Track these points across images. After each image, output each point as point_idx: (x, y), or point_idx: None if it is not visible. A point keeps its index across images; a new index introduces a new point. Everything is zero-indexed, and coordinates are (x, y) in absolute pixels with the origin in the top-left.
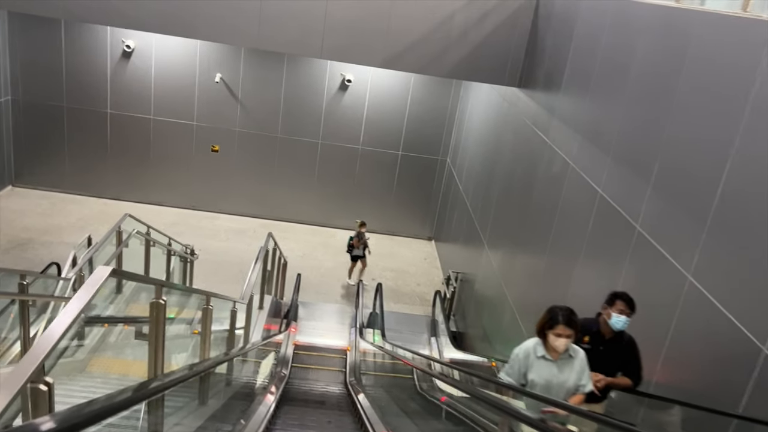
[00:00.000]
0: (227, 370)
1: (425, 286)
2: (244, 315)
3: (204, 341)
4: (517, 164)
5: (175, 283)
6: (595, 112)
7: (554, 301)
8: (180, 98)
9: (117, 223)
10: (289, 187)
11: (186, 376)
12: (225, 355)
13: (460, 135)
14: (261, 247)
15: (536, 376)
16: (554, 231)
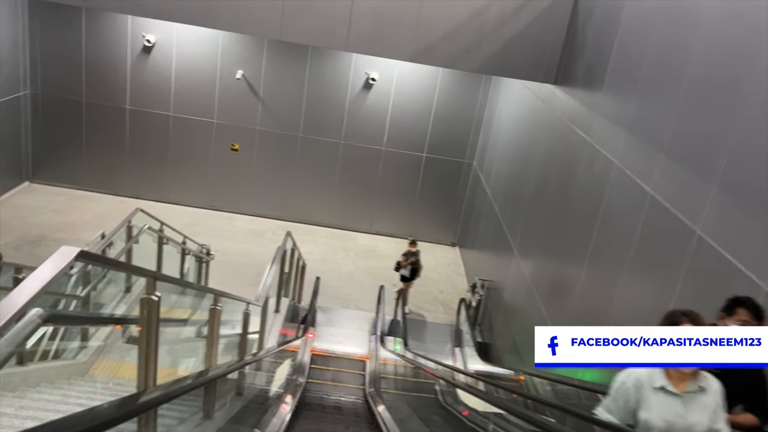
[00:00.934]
0: (238, 378)
1: (448, 293)
2: (259, 318)
3: (211, 346)
4: (552, 165)
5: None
6: (644, 107)
7: (595, 314)
8: (200, 95)
9: (127, 217)
10: (310, 189)
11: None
12: (236, 362)
13: (488, 137)
14: (278, 247)
15: (652, 415)
16: (595, 237)
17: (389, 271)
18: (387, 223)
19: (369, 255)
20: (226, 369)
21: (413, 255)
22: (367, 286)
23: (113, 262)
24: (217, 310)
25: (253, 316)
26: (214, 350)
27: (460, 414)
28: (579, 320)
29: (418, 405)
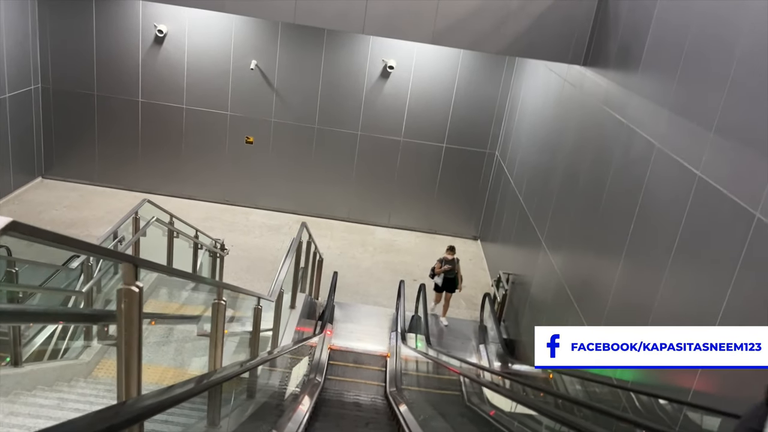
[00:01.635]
0: (250, 379)
1: (471, 288)
2: (272, 315)
3: (215, 346)
4: (583, 152)
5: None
6: (689, 83)
7: (634, 309)
8: (214, 87)
9: (133, 208)
10: (326, 182)
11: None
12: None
13: (512, 125)
14: (293, 239)
15: None
16: (634, 227)
17: (409, 266)
18: (406, 217)
19: (388, 249)
20: (233, 371)
21: (449, 263)
22: (386, 281)
23: (53, 236)
24: (221, 304)
25: (266, 313)
26: (218, 350)
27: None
28: (617, 315)
29: (441, 405)
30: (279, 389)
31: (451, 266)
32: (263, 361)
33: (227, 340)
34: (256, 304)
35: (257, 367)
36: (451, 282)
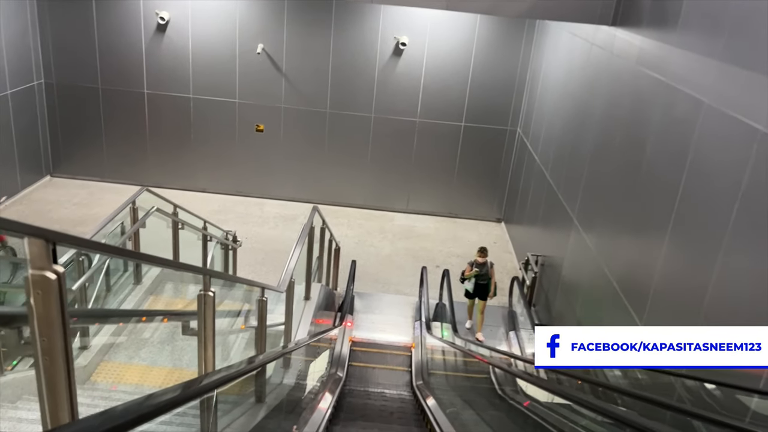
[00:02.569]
0: (257, 381)
1: (497, 272)
2: (284, 308)
3: (206, 346)
4: (617, 118)
5: (79, 238)
6: (744, 25)
7: (685, 287)
8: (220, 74)
9: (130, 197)
10: (341, 168)
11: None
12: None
13: (534, 99)
14: (304, 225)
15: None
16: (681, 198)
17: (430, 252)
18: (425, 201)
19: (407, 235)
20: (228, 374)
21: (480, 266)
22: (408, 268)
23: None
24: (208, 296)
25: (277, 306)
26: (208, 351)
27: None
28: (663, 295)
29: (472, 397)
30: (296, 387)
31: (484, 270)
32: (268, 360)
33: (239, 336)
34: (259, 296)
35: (264, 365)
36: (483, 288)
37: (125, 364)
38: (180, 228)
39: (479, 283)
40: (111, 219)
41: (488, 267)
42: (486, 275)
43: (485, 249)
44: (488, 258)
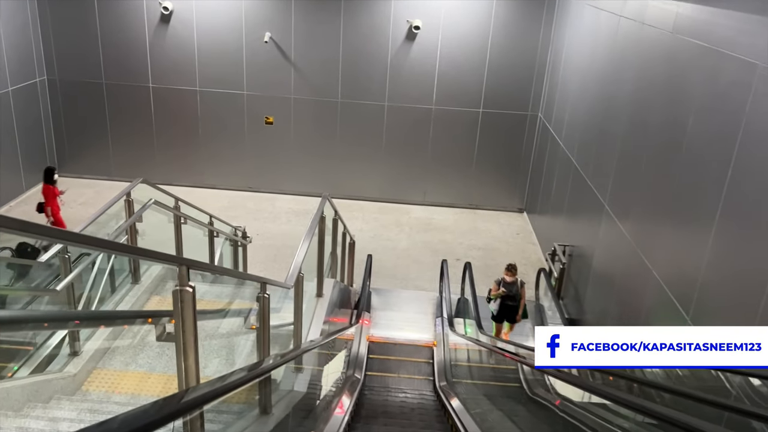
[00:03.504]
0: (261, 390)
1: (521, 265)
2: (292, 306)
3: (184, 352)
4: (652, 93)
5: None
6: None
7: (739, 278)
8: (227, 65)
9: (124, 189)
10: (354, 160)
11: None
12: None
13: (556, 81)
14: (314, 214)
15: None
16: (730, 180)
17: (450, 245)
18: (443, 192)
19: (426, 228)
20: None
21: (508, 286)
22: (426, 263)
23: None
24: (186, 292)
25: (285, 303)
26: (190, 359)
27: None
28: (713, 286)
29: (499, 397)
30: (309, 393)
31: (512, 291)
32: (271, 366)
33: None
34: (260, 292)
35: (267, 372)
36: (511, 310)
37: (121, 372)
38: (183, 223)
39: (507, 305)
40: (102, 212)
41: (518, 287)
42: (515, 296)
43: (514, 266)
44: (518, 276)
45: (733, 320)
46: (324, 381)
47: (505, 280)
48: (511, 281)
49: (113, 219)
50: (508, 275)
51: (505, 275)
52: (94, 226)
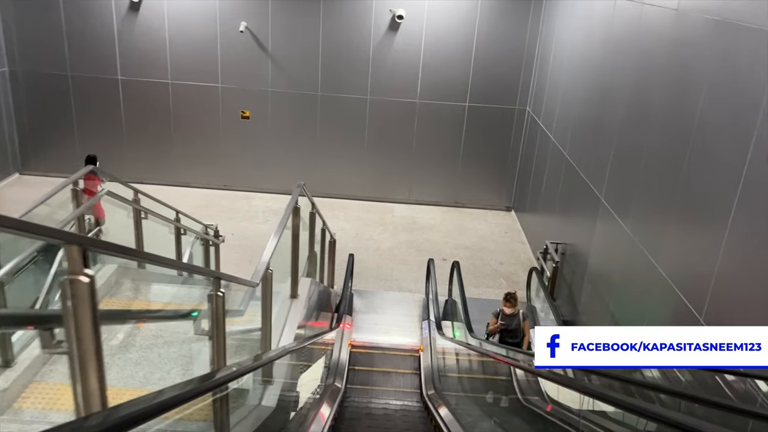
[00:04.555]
0: (216, 408)
1: (510, 264)
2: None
3: (82, 365)
4: (654, 81)
5: None
6: None
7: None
8: (200, 56)
9: (72, 177)
10: (335, 156)
11: None
12: (192, 385)
13: (545, 73)
14: (287, 205)
15: None
16: (748, 169)
17: (436, 244)
18: (428, 190)
19: (410, 228)
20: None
21: (508, 319)
22: (411, 263)
23: None
24: (79, 283)
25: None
26: (90, 374)
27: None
28: (730, 279)
29: (491, 405)
30: (280, 407)
31: (511, 325)
32: (225, 379)
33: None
34: (212, 289)
35: (220, 386)
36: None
37: (63, 385)
38: (143, 218)
39: (507, 342)
40: (42, 202)
41: (519, 320)
42: (515, 331)
43: (514, 296)
44: (518, 307)
45: (753, 320)
46: (299, 392)
47: (504, 312)
48: (511, 314)
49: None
50: (507, 306)
51: (504, 306)
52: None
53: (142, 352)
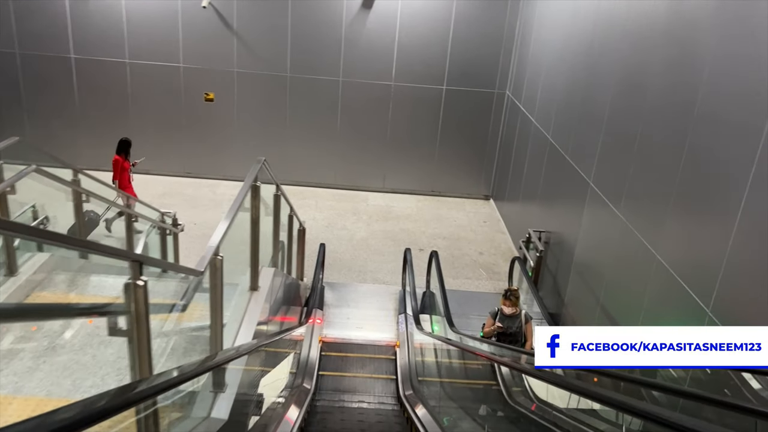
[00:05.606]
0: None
1: (489, 255)
2: (211, 300)
3: None
4: (651, 49)
5: None
6: None
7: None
8: (160, 34)
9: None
10: (306, 141)
11: None
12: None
13: (526, 54)
14: (245, 182)
15: None
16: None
17: (412, 234)
18: (404, 178)
19: (385, 217)
20: None
21: (508, 320)
22: (387, 253)
23: None
24: None
25: (198, 298)
26: None
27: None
28: (742, 266)
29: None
30: (234, 419)
31: (509, 326)
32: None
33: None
34: (130, 277)
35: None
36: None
37: (9, 397)
38: (84, 201)
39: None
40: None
41: (521, 322)
42: (516, 335)
43: (515, 293)
44: (520, 307)
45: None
46: (261, 397)
47: (503, 311)
48: (511, 314)
49: None
50: (506, 305)
51: (503, 305)
52: None
53: (73, 354)
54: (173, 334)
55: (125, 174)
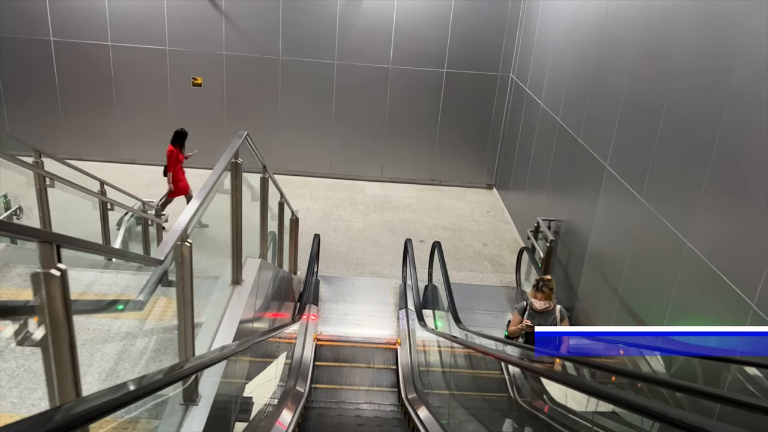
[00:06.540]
0: None
1: (494, 246)
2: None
3: None
4: (676, 21)
5: None
6: None
7: None
8: (145, 15)
9: None
10: (299, 128)
11: None
12: None
13: (532, 36)
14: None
15: None
16: None
17: (412, 225)
18: (402, 166)
19: (383, 207)
20: None
21: (540, 317)
22: (386, 245)
23: None
24: None
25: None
26: None
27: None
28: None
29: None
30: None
31: (541, 323)
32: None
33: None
34: (42, 265)
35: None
36: None
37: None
38: (48, 186)
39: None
40: None
41: (555, 319)
42: None
43: (548, 283)
44: (555, 301)
45: None
46: (250, 403)
47: (533, 306)
48: (544, 309)
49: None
50: (538, 298)
51: (533, 297)
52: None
53: (23, 360)
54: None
55: (179, 166)
